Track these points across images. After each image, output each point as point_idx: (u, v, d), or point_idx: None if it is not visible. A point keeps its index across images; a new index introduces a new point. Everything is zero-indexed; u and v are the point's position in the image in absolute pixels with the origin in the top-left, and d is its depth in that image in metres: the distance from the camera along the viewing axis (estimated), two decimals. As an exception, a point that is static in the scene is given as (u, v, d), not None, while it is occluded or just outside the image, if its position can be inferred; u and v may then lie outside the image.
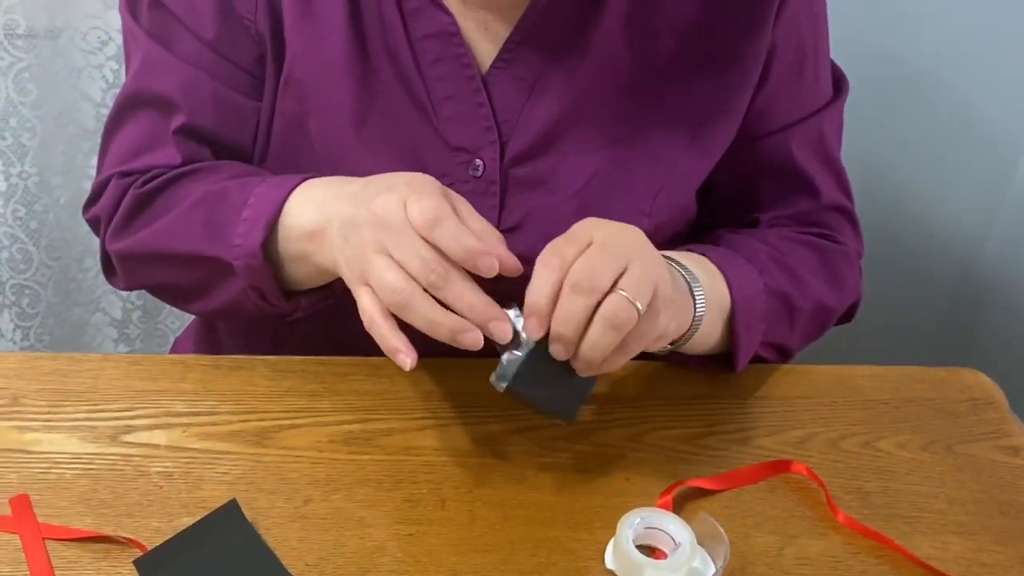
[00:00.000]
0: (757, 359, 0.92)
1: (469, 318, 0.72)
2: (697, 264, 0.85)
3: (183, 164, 0.89)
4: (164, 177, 0.89)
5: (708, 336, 0.85)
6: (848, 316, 0.99)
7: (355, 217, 0.75)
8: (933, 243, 1.53)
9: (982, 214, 1.51)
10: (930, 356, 1.02)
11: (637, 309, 0.72)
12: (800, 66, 0.92)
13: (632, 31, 0.87)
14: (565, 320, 0.72)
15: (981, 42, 1.40)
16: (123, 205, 0.90)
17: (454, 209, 0.74)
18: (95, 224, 0.94)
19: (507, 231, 0.88)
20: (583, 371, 0.75)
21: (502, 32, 0.86)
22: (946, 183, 1.51)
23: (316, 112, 0.87)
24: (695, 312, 0.81)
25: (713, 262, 0.87)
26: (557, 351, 0.74)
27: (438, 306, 0.72)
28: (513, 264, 0.74)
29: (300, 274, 0.84)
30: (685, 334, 0.82)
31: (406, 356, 0.72)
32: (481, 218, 0.75)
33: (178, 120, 0.89)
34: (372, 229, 0.74)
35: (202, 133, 0.90)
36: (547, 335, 0.74)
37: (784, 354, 0.94)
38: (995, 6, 1.38)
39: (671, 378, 0.91)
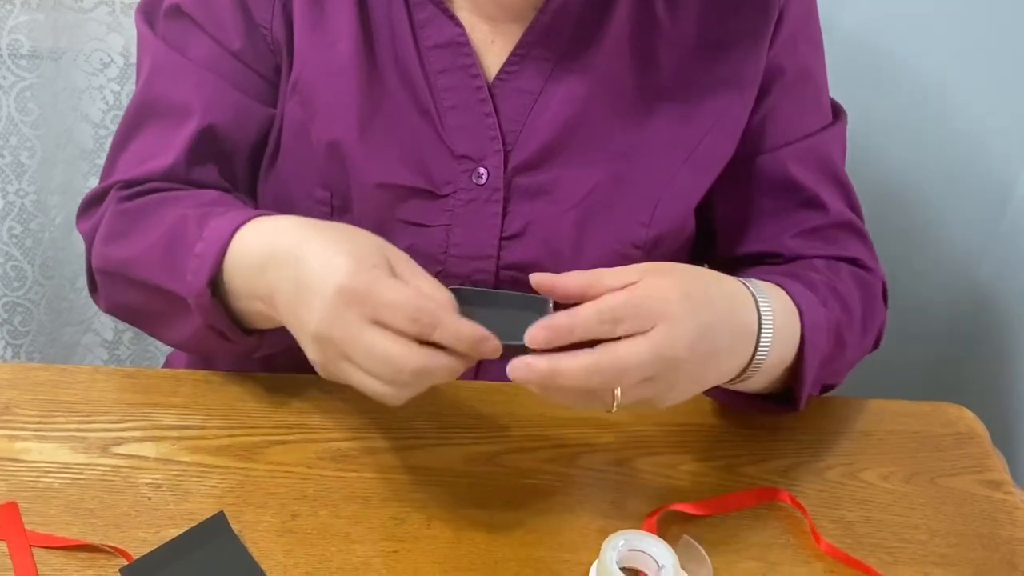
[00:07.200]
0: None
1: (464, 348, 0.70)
2: (779, 304, 0.83)
3: (174, 165, 0.89)
4: (145, 200, 0.89)
5: (765, 377, 0.83)
6: (875, 344, 0.98)
7: (301, 332, 0.74)
8: (924, 281, 1.54)
9: (972, 254, 1.52)
10: (914, 393, 1.02)
11: (610, 410, 0.72)
12: (802, 85, 0.94)
13: (634, 49, 0.89)
14: (564, 376, 0.69)
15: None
16: (106, 219, 0.90)
17: (393, 271, 0.72)
18: (85, 235, 0.94)
19: (509, 238, 0.90)
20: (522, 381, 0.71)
21: (507, 45, 0.89)
22: (939, 218, 1.52)
23: (321, 115, 0.89)
24: (753, 358, 0.79)
25: (790, 295, 0.85)
26: (523, 374, 0.70)
27: (435, 360, 0.70)
28: (468, 333, 0.70)
29: (263, 324, 0.84)
30: (736, 378, 0.81)
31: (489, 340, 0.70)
32: (427, 276, 0.73)
33: (192, 125, 0.89)
34: (322, 347, 0.72)
35: (216, 137, 0.90)
36: None
37: (826, 389, 0.94)
38: (997, 22, 1.39)
39: (658, 405, 0.92)
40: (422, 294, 0.70)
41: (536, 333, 0.70)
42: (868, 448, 0.90)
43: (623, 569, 0.73)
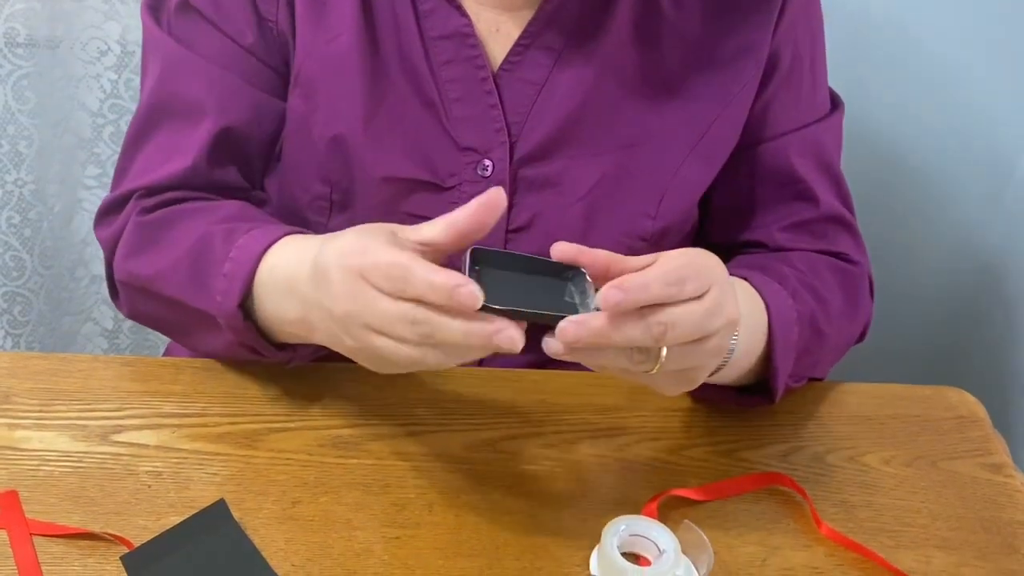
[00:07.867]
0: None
1: (470, 342, 0.67)
2: (744, 296, 0.82)
3: (194, 167, 0.89)
4: (166, 211, 0.88)
5: (735, 368, 0.83)
6: (860, 337, 0.99)
7: (325, 322, 0.74)
8: (924, 265, 1.54)
9: (973, 237, 1.52)
10: (915, 377, 1.02)
11: (648, 372, 0.71)
12: (798, 74, 0.94)
13: (638, 40, 0.89)
14: (620, 331, 0.67)
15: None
16: (127, 232, 0.89)
17: (398, 241, 0.70)
18: (105, 244, 0.92)
19: (515, 231, 0.90)
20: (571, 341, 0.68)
21: (512, 34, 0.88)
22: (939, 201, 1.52)
23: (323, 107, 0.88)
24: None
25: (755, 288, 0.85)
26: (573, 334, 0.67)
27: (452, 328, 0.67)
28: (440, 280, 0.66)
29: (294, 339, 0.83)
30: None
31: (510, 331, 0.66)
32: (434, 229, 0.70)
33: (209, 124, 0.88)
34: (348, 327, 0.71)
35: (235, 136, 0.90)
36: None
37: (813, 381, 0.94)
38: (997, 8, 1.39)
39: (658, 390, 0.92)
40: (400, 252, 0.68)
41: (609, 294, 0.66)
42: (869, 432, 0.90)
43: (624, 554, 0.73)
